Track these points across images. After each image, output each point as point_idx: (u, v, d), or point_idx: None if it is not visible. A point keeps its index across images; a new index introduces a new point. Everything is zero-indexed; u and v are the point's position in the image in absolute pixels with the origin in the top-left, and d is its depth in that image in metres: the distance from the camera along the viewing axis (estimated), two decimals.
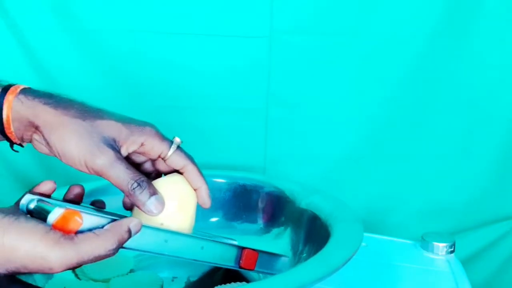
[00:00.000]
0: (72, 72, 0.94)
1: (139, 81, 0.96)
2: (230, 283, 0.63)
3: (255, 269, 0.58)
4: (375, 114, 0.96)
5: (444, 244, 0.72)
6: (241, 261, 0.56)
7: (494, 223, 1.01)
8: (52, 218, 0.44)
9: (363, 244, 0.57)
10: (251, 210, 0.78)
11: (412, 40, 0.91)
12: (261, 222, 0.77)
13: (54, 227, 0.44)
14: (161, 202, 0.51)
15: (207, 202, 0.54)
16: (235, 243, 0.57)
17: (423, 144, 0.97)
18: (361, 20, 0.91)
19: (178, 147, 0.53)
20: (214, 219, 0.77)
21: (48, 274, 0.46)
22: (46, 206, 0.46)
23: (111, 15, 0.92)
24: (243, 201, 0.78)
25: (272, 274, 0.59)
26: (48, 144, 0.49)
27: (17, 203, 0.48)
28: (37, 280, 0.59)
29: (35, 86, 0.52)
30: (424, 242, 0.73)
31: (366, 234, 0.59)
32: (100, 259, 0.44)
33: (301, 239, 0.68)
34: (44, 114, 0.49)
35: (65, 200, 0.52)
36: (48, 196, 0.50)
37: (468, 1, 0.89)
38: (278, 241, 0.72)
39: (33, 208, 0.47)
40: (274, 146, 0.99)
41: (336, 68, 0.94)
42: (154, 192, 0.50)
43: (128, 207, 0.54)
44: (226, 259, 0.56)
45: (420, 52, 0.92)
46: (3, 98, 0.50)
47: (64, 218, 0.44)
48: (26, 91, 0.50)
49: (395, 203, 1.00)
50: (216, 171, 0.81)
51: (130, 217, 0.50)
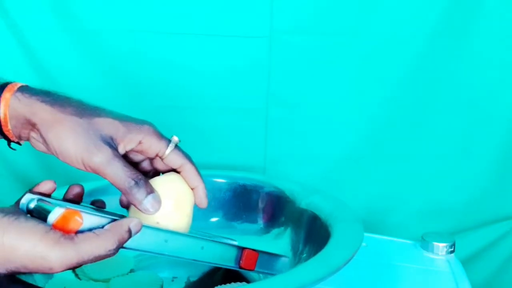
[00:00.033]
0: (72, 72, 0.94)
1: (139, 81, 0.96)
2: (230, 283, 0.63)
3: (255, 270, 0.58)
4: (375, 114, 0.96)
5: (444, 244, 0.72)
6: (241, 261, 0.56)
7: (494, 223, 1.01)
8: (53, 217, 0.44)
9: (363, 244, 0.57)
10: (251, 210, 0.78)
11: (412, 40, 0.91)
12: (261, 222, 0.77)
13: (54, 226, 0.44)
14: (158, 201, 0.50)
15: (204, 202, 0.54)
16: (235, 243, 0.57)
17: (423, 144, 0.97)
18: (361, 20, 0.91)
19: (176, 146, 0.53)
20: (214, 219, 0.77)
21: (48, 274, 0.46)
22: (46, 206, 0.45)
23: (111, 15, 0.92)
24: (243, 201, 0.78)
25: (272, 275, 0.59)
26: (45, 142, 0.49)
27: (17, 202, 0.47)
28: (37, 280, 0.59)
29: (35, 86, 0.52)
30: (424, 242, 0.73)
31: (366, 234, 0.59)
32: (100, 259, 0.44)
33: (301, 239, 0.68)
34: (41, 112, 0.49)
35: (65, 199, 0.52)
36: (48, 195, 0.50)
37: (468, 1, 0.89)
38: (278, 241, 0.72)
39: (33, 208, 0.47)
40: (274, 146, 0.99)
41: (336, 68, 0.94)
42: (151, 191, 0.50)
43: (124, 205, 0.53)
44: (226, 259, 0.56)
45: (420, 52, 0.92)
46: (0, 96, 0.49)
47: (65, 218, 0.44)
48: (23, 89, 0.50)
49: (395, 203, 1.00)
50: (216, 171, 0.81)
51: (130, 217, 0.50)
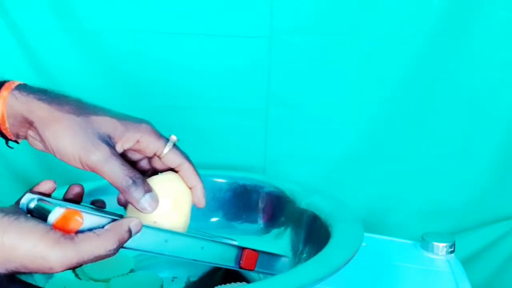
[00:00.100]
0: (72, 72, 0.94)
1: (139, 81, 0.96)
2: (230, 283, 0.63)
3: (255, 270, 0.58)
4: (375, 114, 0.96)
5: (444, 244, 0.72)
6: (241, 261, 0.56)
7: (494, 223, 1.01)
8: (53, 217, 0.44)
9: (363, 244, 0.57)
10: (251, 210, 0.78)
11: (412, 40, 0.91)
12: (261, 222, 0.77)
13: (54, 226, 0.43)
14: (155, 200, 0.50)
15: (202, 201, 0.54)
16: (235, 243, 0.57)
17: (423, 144, 0.97)
18: (361, 20, 0.91)
19: (174, 145, 0.52)
20: (214, 219, 0.77)
21: (48, 274, 0.46)
22: (46, 206, 0.45)
23: (111, 15, 0.92)
24: (243, 201, 0.78)
25: (272, 275, 0.59)
26: (42, 140, 0.49)
27: (17, 202, 0.47)
28: (37, 280, 0.59)
29: (35, 86, 0.51)
30: (424, 242, 0.73)
31: (366, 234, 0.59)
32: (101, 259, 0.44)
33: (301, 239, 0.68)
34: (38, 110, 0.48)
35: (65, 199, 0.52)
36: (48, 195, 0.50)
37: (468, 1, 0.89)
38: (278, 241, 0.72)
39: (34, 208, 0.47)
40: (274, 146, 0.99)
41: (336, 68, 0.94)
42: (148, 190, 0.49)
43: (122, 204, 0.53)
44: (226, 259, 0.56)
45: (420, 52, 0.92)
46: None
47: (65, 218, 0.44)
48: (21, 87, 0.50)
49: (395, 203, 1.00)
50: (216, 171, 0.81)
51: (127, 216, 0.50)
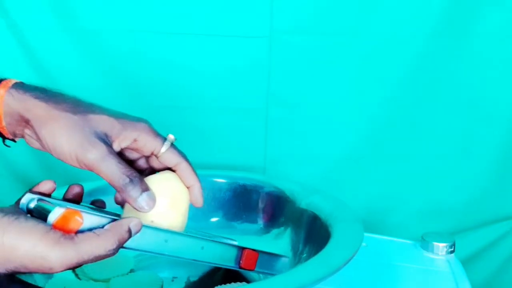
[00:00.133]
0: (72, 72, 0.94)
1: (139, 81, 0.96)
2: (230, 283, 0.63)
3: (255, 270, 0.58)
4: (375, 114, 0.96)
5: (444, 244, 0.72)
6: (241, 262, 0.56)
7: (494, 223, 1.01)
8: (53, 217, 0.44)
9: (363, 244, 0.57)
10: (251, 210, 0.78)
11: (412, 40, 0.91)
12: (261, 222, 0.77)
13: (54, 226, 0.43)
14: (153, 199, 0.50)
15: (200, 201, 0.53)
16: (235, 243, 0.57)
17: (423, 144, 0.97)
18: (361, 20, 0.91)
19: (172, 145, 0.52)
20: (214, 219, 0.77)
21: (48, 274, 0.46)
22: (46, 206, 0.45)
23: (111, 15, 0.92)
24: (243, 201, 0.78)
25: (272, 275, 0.59)
26: (39, 138, 0.49)
27: (17, 202, 0.47)
28: (37, 280, 0.59)
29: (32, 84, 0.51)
30: (424, 242, 0.73)
31: (366, 234, 0.59)
32: (100, 259, 0.44)
33: (301, 239, 0.68)
34: (35, 108, 0.48)
35: (65, 199, 0.52)
36: (48, 195, 0.50)
37: (468, 1, 0.89)
38: (278, 241, 0.72)
39: (34, 208, 0.47)
40: (274, 146, 0.98)
41: (336, 68, 0.94)
42: (146, 188, 0.49)
43: (119, 202, 0.53)
44: (226, 259, 0.56)
45: (420, 52, 0.92)
46: None
47: (65, 218, 0.44)
48: (17, 86, 0.50)
49: (395, 203, 1.00)
50: (216, 171, 0.81)
51: (124, 215, 0.50)
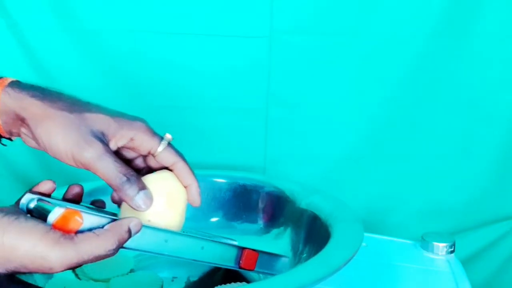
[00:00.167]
0: (72, 72, 0.94)
1: (139, 81, 0.96)
2: (230, 283, 0.63)
3: (255, 270, 0.58)
4: (375, 114, 0.96)
5: (444, 244, 0.71)
6: (241, 262, 0.56)
7: (494, 223, 1.01)
8: (52, 217, 0.44)
9: (363, 244, 0.57)
10: (251, 210, 0.78)
11: (412, 40, 0.91)
12: (261, 222, 0.77)
13: (54, 226, 0.43)
14: (150, 197, 0.49)
15: (197, 200, 0.53)
16: (235, 243, 0.57)
17: (423, 144, 0.97)
18: (361, 20, 0.91)
19: (169, 144, 0.52)
20: (214, 219, 0.77)
21: (48, 274, 0.46)
22: (46, 206, 0.45)
23: (111, 15, 0.92)
24: (243, 201, 0.78)
25: (272, 275, 0.59)
26: (34, 137, 0.48)
27: (17, 202, 0.47)
28: (37, 280, 0.59)
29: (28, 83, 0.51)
30: (424, 242, 0.73)
31: (366, 234, 0.59)
32: (100, 259, 0.44)
33: (301, 239, 0.68)
34: (31, 107, 0.48)
35: (65, 199, 0.52)
36: (48, 195, 0.50)
37: (468, 1, 0.89)
38: (278, 241, 0.72)
39: (33, 208, 0.47)
40: (274, 146, 0.99)
41: (336, 68, 0.94)
42: (142, 187, 0.49)
43: (115, 201, 0.52)
44: (226, 259, 0.56)
45: (420, 52, 0.92)
46: None
47: (65, 218, 0.44)
48: (13, 84, 0.49)
49: (395, 203, 1.00)
50: (216, 171, 0.81)
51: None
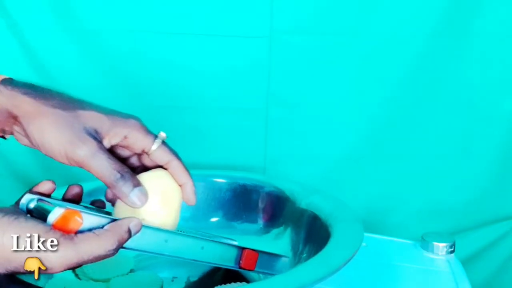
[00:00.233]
0: (72, 72, 0.94)
1: (139, 81, 0.96)
2: (230, 283, 0.63)
3: (255, 270, 0.58)
4: (375, 114, 0.96)
5: (444, 244, 0.71)
6: (241, 262, 0.56)
7: (494, 223, 1.01)
8: (52, 217, 0.44)
9: (363, 244, 0.57)
10: (251, 210, 0.78)
11: (412, 40, 0.91)
12: (261, 222, 0.77)
13: (54, 226, 0.43)
14: (145, 194, 0.49)
15: (192, 199, 0.53)
16: (235, 243, 0.57)
17: (423, 144, 0.97)
18: (361, 20, 0.91)
19: (163, 142, 0.52)
20: (214, 219, 0.77)
21: (48, 274, 0.46)
22: (46, 206, 0.45)
23: (111, 15, 0.92)
24: (243, 201, 0.78)
25: (272, 275, 0.59)
26: (27, 135, 0.48)
27: (17, 202, 0.47)
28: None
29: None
30: (424, 242, 0.73)
31: (366, 234, 0.59)
32: (100, 259, 0.44)
33: (301, 239, 0.68)
34: (23, 104, 0.48)
35: (64, 199, 0.52)
36: (47, 195, 0.50)
37: (468, 1, 0.89)
38: (278, 241, 0.72)
39: (33, 208, 0.47)
40: (274, 146, 0.98)
41: (336, 68, 0.94)
42: (137, 184, 0.49)
43: (110, 199, 0.52)
44: (226, 259, 0.56)
45: (420, 52, 0.92)
46: None
47: (64, 218, 0.44)
48: (6, 82, 0.49)
49: (395, 203, 1.00)
50: (216, 171, 0.81)
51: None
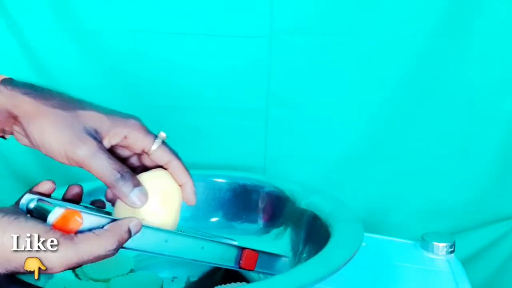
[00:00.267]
0: (72, 72, 0.94)
1: (139, 81, 0.96)
2: (230, 283, 0.63)
3: (255, 270, 0.58)
4: (375, 114, 0.96)
5: (444, 244, 0.71)
6: (241, 262, 0.56)
7: (494, 223, 1.01)
8: (52, 218, 0.44)
9: (363, 244, 0.57)
10: (251, 210, 0.78)
11: (412, 40, 0.91)
12: (261, 222, 0.77)
13: (54, 226, 0.43)
14: (145, 194, 0.49)
15: (192, 199, 0.53)
16: (235, 243, 0.57)
17: (423, 144, 0.97)
18: (361, 20, 0.91)
19: (163, 142, 0.52)
20: (214, 219, 0.77)
21: (48, 274, 0.46)
22: (46, 206, 0.45)
23: (111, 15, 0.92)
24: (243, 201, 0.78)
25: (272, 275, 0.59)
26: (27, 135, 0.48)
27: (17, 202, 0.47)
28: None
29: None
30: (424, 242, 0.73)
31: (366, 234, 0.59)
32: (100, 259, 0.44)
33: (301, 239, 0.68)
34: (23, 104, 0.48)
35: (64, 199, 0.52)
36: (47, 195, 0.50)
37: (468, 1, 0.89)
38: (278, 241, 0.72)
39: (33, 208, 0.47)
40: (274, 146, 0.98)
41: (336, 68, 0.94)
42: (137, 184, 0.49)
43: (109, 199, 0.52)
44: (226, 259, 0.56)
45: (420, 52, 0.92)
46: None
47: (64, 218, 0.44)
48: (6, 82, 0.49)
49: (395, 203, 1.00)
50: (216, 171, 0.81)
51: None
